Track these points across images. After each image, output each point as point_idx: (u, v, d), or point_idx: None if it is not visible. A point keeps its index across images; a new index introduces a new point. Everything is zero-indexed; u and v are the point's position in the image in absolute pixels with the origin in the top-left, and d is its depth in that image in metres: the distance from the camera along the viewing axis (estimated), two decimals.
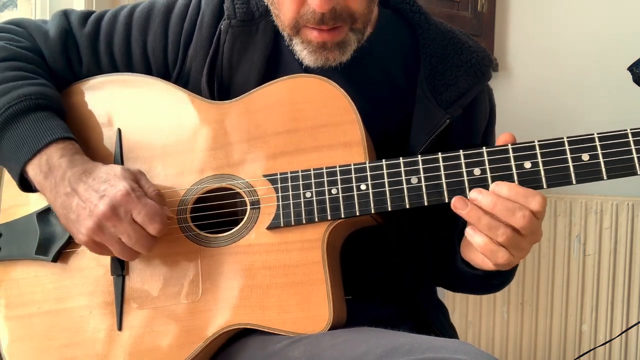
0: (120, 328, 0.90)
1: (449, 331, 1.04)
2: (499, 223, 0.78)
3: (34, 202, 0.96)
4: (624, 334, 1.90)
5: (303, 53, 0.92)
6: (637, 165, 0.77)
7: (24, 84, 0.91)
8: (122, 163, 0.94)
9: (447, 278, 1.05)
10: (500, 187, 0.79)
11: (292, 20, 0.89)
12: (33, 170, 0.87)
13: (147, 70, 1.00)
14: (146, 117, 0.96)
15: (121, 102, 0.97)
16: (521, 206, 0.78)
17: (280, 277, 0.85)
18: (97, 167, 0.87)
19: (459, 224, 0.91)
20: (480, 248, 0.80)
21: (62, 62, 1.00)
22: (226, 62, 0.97)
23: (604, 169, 0.78)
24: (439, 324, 1.02)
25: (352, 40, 0.91)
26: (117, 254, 0.86)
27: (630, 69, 1.64)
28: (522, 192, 0.78)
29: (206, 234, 0.90)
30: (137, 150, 0.94)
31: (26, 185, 0.90)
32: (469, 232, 0.81)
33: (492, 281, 0.95)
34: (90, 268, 0.92)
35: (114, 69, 1.00)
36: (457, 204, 0.80)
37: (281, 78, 0.91)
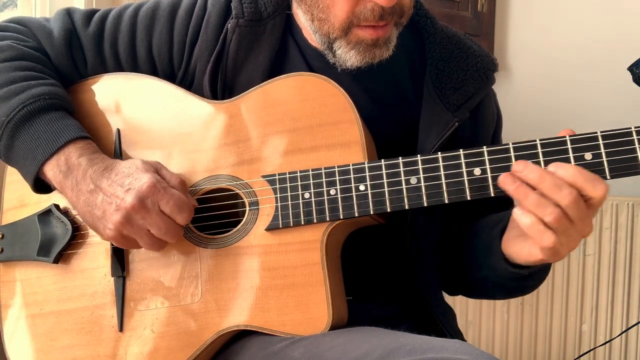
0: (121, 329, 0.90)
1: (458, 335, 1.02)
2: (548, 201, 0.75)
3: (35, 204, 0.96)
4: (624, 334, 1.89)
5: (350, 54, 0.90)
6: None
7: (36, 84, 0.90)
8: None
9: (472, 280, 1.00)
10: (564, 168, 0.75)
11: (345, 21, 0.88)
12: (52, 170, 0.87)
13: (153, 71, 1.00)
14: (145, 117, 0.95)
15: (120, 102, 0.97)
16: (570, 185, 0.74)
17: (279, 278, 0.85)
18: (117, 162, 0.87)
19: (501, 221, 0.89)
20: (527, 228, 0.76)
21: (67, 62, 0.99)
22: (231, 62, 0.96)
23: (607, 169, 0.76)
24: (449, 327, 1.00)
25: (394, 35, 0.92)
26: (145, 246, 0.85)
27: (630, 69, 1.64)
28: (588, 175, 0.75)
29: (206, 236, 0.89)
30: (136, 151, 0.94)
31: (40, 185, 0.90)
32: (516, 212, 0.77)
33: (528, 282, 0.92)
34: (91, 269, 0.93)
35: (120, 68, 1.00)
36: (505, 179, 0.77)
37: (279, 77, 0.91)
